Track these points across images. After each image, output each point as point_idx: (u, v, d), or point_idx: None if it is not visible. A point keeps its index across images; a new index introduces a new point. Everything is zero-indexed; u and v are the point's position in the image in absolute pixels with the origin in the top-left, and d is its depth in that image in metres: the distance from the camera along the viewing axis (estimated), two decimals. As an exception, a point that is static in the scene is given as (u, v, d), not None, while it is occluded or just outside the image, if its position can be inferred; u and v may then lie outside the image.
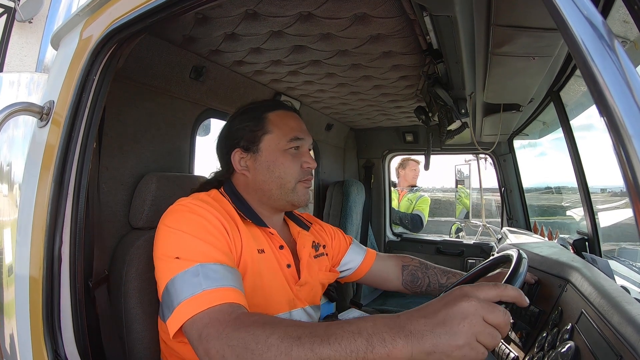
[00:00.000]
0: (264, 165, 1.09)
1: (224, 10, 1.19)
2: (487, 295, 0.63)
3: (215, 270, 0.84)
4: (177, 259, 0.86)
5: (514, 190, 2.83)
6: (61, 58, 1.12)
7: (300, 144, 1.11)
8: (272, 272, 1.06)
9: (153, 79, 1.40)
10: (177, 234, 0.90)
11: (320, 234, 1.32)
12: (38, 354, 0.96)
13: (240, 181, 1.13)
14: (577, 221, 2.16)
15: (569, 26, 0.42)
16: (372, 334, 0.62)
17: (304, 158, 1.11)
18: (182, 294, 0.81)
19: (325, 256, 1.27)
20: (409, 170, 3.92)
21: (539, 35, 1.02)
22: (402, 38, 1.35)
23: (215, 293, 0.80)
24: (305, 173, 1.11)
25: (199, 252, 0.87)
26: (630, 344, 0.67)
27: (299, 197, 1.11)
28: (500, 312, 0.61)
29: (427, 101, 1.88)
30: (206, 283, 0.81)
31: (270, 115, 1.11)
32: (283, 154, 1.09)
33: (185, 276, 0.83)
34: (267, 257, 1.06)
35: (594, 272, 1.05)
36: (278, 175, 1.08)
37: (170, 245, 0.90)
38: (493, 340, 0.60)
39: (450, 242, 3.21)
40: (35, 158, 1.06)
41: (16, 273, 1.08)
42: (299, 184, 1.10)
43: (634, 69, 0.38)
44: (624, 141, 0.37)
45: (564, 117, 1.67)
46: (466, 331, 0.59)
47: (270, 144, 1.09)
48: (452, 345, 0.58)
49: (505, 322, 0.61)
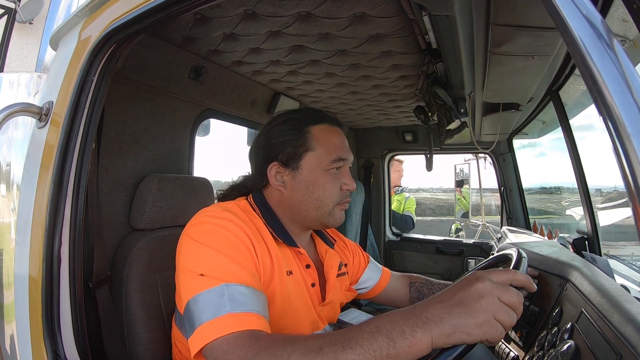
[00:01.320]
0: (303, 184, 1.02)
1: (223, 11, 1.19)
2: (499, 278, 0.66)
3: (241, 293, 0.80)
4: (201, 275, 0.82)
5: (513, 190, 2.83)
6: (60, 58, 1.12)
7: (343, 164, 1.05)
8: (300, 294, 1.02)
9: (152, 79, 1.40)
10: (203, 249, 0.86)
11: (344, 251, 1.29)
12: (38, 354, 0.96)
13: (274, 196, 1.06)
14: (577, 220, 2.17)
15: (568, 25, 0.42)
16: (390, 329, 0.62)
17: (345, 179, 1.05)
18: (205, 315, 0.77)
19: (346, 275, 1.24)
20: (393, 171, 3.95)
21: (538, 34, 1.02)
22: (401, 37, 1.35)
23: (240, 318, 0.77)
24: (344, 195, 1.05)
25: (225, 271, 0.83)
26: (630, 343, 0.67)
27: (335, 219, 1.05)
28: (514, 292, 0.63)
29: (427, 101, 1.88)
30: (231, 305, 0.78)
31: (313, 130, 1.04)
32: (324, 175, 1.02)
33: (209, 296, 0.79)
34: (295, 278, 1.01)
35: (594, 271, 1.05)
36: (317, 197, 1.02)
37: (195, 260, 0.85)
38: (510, 319, 0.61)
39: (450, 241, 3.21)
40: (34, 158, 1.06)
41: (16, 273, 1.08)
42: (336, 207, 1.05)
43: (633, 68, 0.38)
44: (623, 140, 0.37)
45: (563, 116, 1.67)
46: (484, 309, 0.60)
47: (312, 162, 1.02)
48: (471, 323, 0.60)
49: (519, 302, 0.63)
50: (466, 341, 0.60)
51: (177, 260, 0.90)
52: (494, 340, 0.61)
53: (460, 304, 0.61)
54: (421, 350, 0.61)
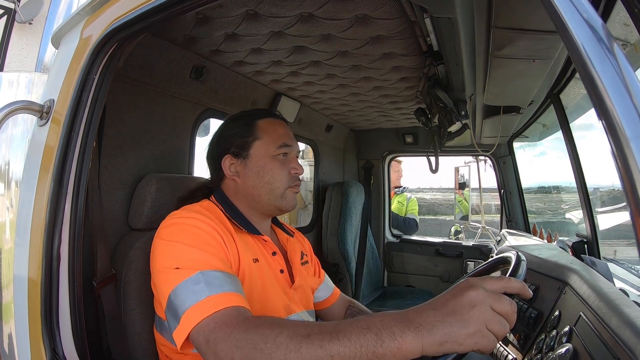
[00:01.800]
0: (253, 170, 1.11)
1: (225, 11, 1.19)
2: (492, 286, 0.64)
3: (216, 277, 0.84)
4: (177, 269, 0.86)
5: (513, 192, 2.83)
6: (61, 57, 1.12)
7: (289, 150, 1.14)
8: (268, 280, 1.06)
9: (153, 79, 1.40)
10: (175, 245, 0.91)
11: (302, 243, 1.34)
12: (36, 353, 0.96)
13: (230, 187, 1.14)
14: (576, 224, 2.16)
15: (569, 29, 0.42)
16: (380, 328, 0.62)
17: (292, 164, 1.13)
18: (186, 302, 0.81)
19: (309, 264, 1.30)
20: (392, 172, 3.94)
21: (539, 37, 1.03)
22: (402, 39, 1.35)
23: (219, 298, 0.80)
24: (293, 179, 1.13)
25: (198, 261, 0.87)
26: (628, 347, 0.67)
27: (287, 202, 1.13)
28: (507, 301, 0.62)
29: (427, 103, 1.88)
30: (209, 289, 0.81)
31: (260, 123, 1.14)
32: (272, 160, 1.11)
33: (187, 285, 0.83)
34: (261, 265, 1.06)
35: (592, 275, 1.05)
36: (267, 181, 1.10)
37: (169, 257, 0.90)
38: (502, 329, 0.61)
39: (450, 243, 3.21)
40: (34, 157, 1.06)
41: (15, 272, 1.08)
42: (288, 190, 1.12)
43: (633, 72, 0.38)
44: (622, 144, 0.37)
45: (564, 119, 1.67)
46: (476, 318, 0.60)
47: (259, 150, 1.11)
48: (463, 333, 0.59)
49: (512, 311, 0.62)
50: (457, 351, 0.60)
51: (152, 264, 0.94)
52: (485, 350, 0.61)
53: (453, 312, 0.61)
54: (409, 354, 0.60)
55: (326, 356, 0.62)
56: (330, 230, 2.87)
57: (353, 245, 2.89)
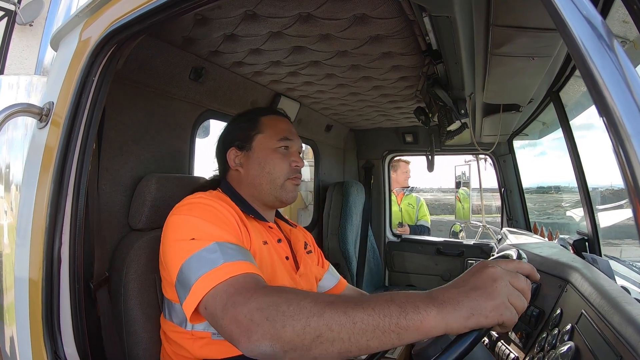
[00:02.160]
0: (255, 161, 1.16)
1: (224, 11, 1.19)
2: (507, 266, 0.66)
3: (232, 248, 0.86)
4: (192, 240, 0.87)
5: (513, 191, 2.83)
6: (61, 59, 1.12)
7: (290, 144, 1.19)
8: (276, 262, 1.10)
9: (152, 80, 1.40)
10: (191, 219, 0.93)
11: (305, 236, 1.37)
12: (38, 355, 0.96)
13: (234, 177, 1.20)
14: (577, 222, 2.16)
15: (568, 26, 0.42)
16: (405, 302, 0.63)
17: (293, 157, 1.19)
18: (200, 270, 0.80)
19: (313, 253, 1.34)
20: (400, 173, 3.91)
21: (538, 35, 1.02)
22: (401, 39, 1.35)
23: (236, 265, 0.80)
24: (293, 171, 1.18)
25: (214, 234, 0.89)
26: (630, 345, 0.66)
27: (287, 193, 1.17)
28: (523, 278, 0.65)
29: (427, 102, 1.88)
30: (225, 257, 0.82)
31: (263, 119, 1.21)
32: (273, 152, 1.16)
33: (202, 253, 0.84)
34: (270, 248, 1.11)
35: (594, 273, 1.05)
36: (268, 171, 1.15)
37: (184, 229, 0.92)
38: (522, 303, 0.63)
39: (450, 242, 3.21)
40: (34, 159, 1.06)
41: (16, 274, 1.08)
42: (287, 181, 1.16)
43: (634, 69, 0.38)
44: (623, 141, 0.37)
45: (564, 117, 1.67)
46: (499, 291, 0.61)
47: (262, 143, 1.17)
48: (489, 305, 0.60)
49: (528, 287, 0.65)
50: (483, 324, 0.61)
51: (165, 238, 0.95)
52: (509, 324, 0.62)
53: (476, 287, 0.62)
54: (432, 329, 0.61)
55: (349, 322, 0.63)
56: (331, 230, 2.87)
57: (354, 245, 2.89)
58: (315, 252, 1.38)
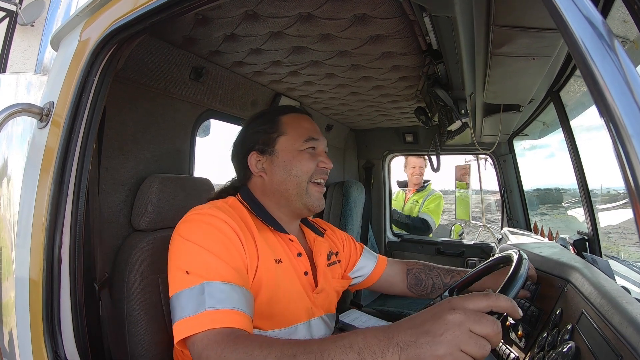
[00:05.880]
0: (280, 165, 1.09)
1: (224, 11, 1.19)
2: (477, 305, 0.63)
3: (221, 290, 0.84)
4: (186, 273, 0.86)
5: (514, 191, 2.83)
6: (61, 59, 1.12)
7: (316, 144, 1.13)
8: (290, 281, 1.04)
9: (153, 80, 1.40)
10: (190, 246, 0.90)
11: (333, 240, 1.32)
12: (38, 354, 0.96)
13: (257, 185, 1.13)
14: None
15: (569, 26, 0.42)
16: (363, 347, 0.63)
17: (321, 157, 1.12)
18: (185, 311, 0.82)
19: (338, 264, 1.27)
20: (409, 170, 3.80)
21: (538, 35, 1.02)
22: (401, 39, 1.35)
23: (218, 315, 0.81)
24: (320, 172, 1.11)
25: (209, 269, 0.87)
26: (630, 344, 0.66)
27: (313, 200, 1.11)
28: (489, 323, 0.61)
29: (427, 102, 1.88)
30: (210, 302, 0.82)
31: (284, 118, 1.13)
32: (299, 154, 1.10)
33: (190, 293, 0.84)
34: (285, 266, 1.04)
35: (594, 272, 1.05)
36: (295, 174, 1.08)
37: (182, 257, 0.90)
38: (480, 350, 0.60)
39: (451, 242, 3.21)
40: (35, 159, 1.06)
41: (16, 274, 1.08)
42: (310, 185, 1.10)
43: (634, 69, 0.38)
44: (624, 141, 0.37)
45: (564, 117, 1.67)
46: (448, 341, 0.59)
47: (286, 145, 1.10)
48: (433, 354, 0.59)
49: (494, 332, 0.60)
50: None
51: (168, 258, 0.94)
52: None
53: (426, 333, 0.61)
54: None
55: None
56: (331, 230, 2.86)
57: (354, 245, 2.88)
58: (343, 261, 1.31)
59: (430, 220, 3.51)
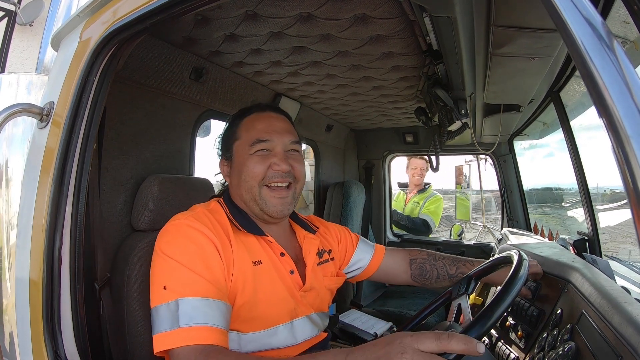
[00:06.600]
0: (235, 170, 1.09)
1: (224, 12, 1.19)
2: (427, 347, 0.62)
3: (194, 307, 0.85)
4: (164, 288, 0.88)
5: (514, 191, 2.83)
6: (61, 59, 1.12)
7: (269, 145, 1.06)
8: (271, 283, 1.03)
9: (153, 80, 1.40)
10: (168, 262, 0.91)
11: (326, 237, 1.30)
12: (38, 354, 0.96)
13: (229, 188, 1.15)
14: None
15: (568, 27, 0.42)
16: None
17: (274, 159, 1.04)
18: (162, 325, 0.85)
19: (330, 262, 1.25)
20: (410, 171, 3.79)
21: (538, 35, 1.02)
22: (402, 39, 1.35)
23: (191, 332, 0.83)
24: (275, 175, 1.04)
25: (184, 284, 0.88)
26: (630, 345, 0.67)
27: (269, 205, 1.04)
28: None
29: (427, 102, 1.88)
30: (183, 320, 0.84)
31: (243, 121, 1.11)
32: (249, 157, 1.05)
33: (167, 308, 0.86)
34: (265, 267, 1.03)
35: (594, 273, 1.05)
36: (244, 179, 1.05)
37: (160, 272, 0.92)
38: None
39: (451, 243, 3.21)
40: (35, 159, 1.06)
41: (16, 274, 1.08)
42: (263, 189, 1.04)
43: (633, 70, 0.38)
44: (623, 142, 0.37)
45: (564, 117, 1.67)
46: None
47: (238, 150, 1.09)
48: None
49: None
50: None
51: (150, 270, 0.96)
52: None
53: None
54: None
55: None
56: (331, 230, 2.87)
57: (354, 245, 2.89)
58: (337, 259, 1.29)
59: (430, 221, 3.51)
